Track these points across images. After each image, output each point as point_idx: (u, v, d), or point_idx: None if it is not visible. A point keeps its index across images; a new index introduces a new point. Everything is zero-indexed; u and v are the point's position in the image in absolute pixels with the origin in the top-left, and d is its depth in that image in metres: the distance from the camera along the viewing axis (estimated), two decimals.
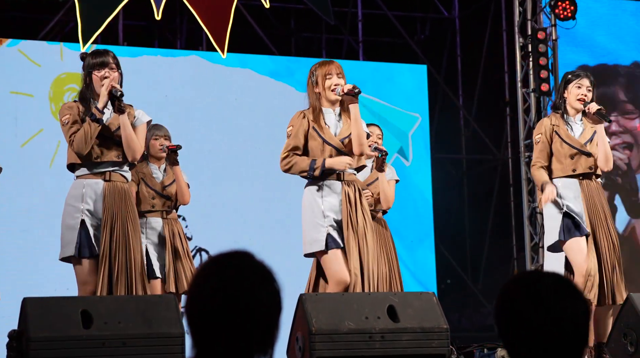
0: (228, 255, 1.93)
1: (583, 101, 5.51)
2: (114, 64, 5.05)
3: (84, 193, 4.93)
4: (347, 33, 10.55)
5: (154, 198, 6.18)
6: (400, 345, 4.33)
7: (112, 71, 5.03)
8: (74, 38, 8.63)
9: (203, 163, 9.03)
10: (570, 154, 5.44)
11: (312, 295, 4.52)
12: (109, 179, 4.96)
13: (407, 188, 9.84)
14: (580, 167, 5.43)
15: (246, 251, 1.94)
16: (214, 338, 1.87)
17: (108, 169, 4.97)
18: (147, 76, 9.00)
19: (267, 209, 9.07)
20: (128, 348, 4.07)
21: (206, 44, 9.73)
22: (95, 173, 4.96)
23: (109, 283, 4.83)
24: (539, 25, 10.10)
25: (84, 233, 4.89)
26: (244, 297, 1.87)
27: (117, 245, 4.88)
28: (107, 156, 4.96)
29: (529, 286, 2.01)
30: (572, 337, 1.96)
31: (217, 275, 1.89)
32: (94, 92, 5.03)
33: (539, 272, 2.08)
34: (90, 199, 4.93)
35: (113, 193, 4.94)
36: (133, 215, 5.00)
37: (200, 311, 1.88)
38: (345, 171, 5.07)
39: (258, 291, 1.89)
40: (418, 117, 10.04)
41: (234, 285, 1.88)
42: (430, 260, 9.83)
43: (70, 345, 4.02)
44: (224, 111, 9.26)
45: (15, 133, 8.51)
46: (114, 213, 4.92)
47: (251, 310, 1.87)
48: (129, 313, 4.17)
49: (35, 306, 4.12)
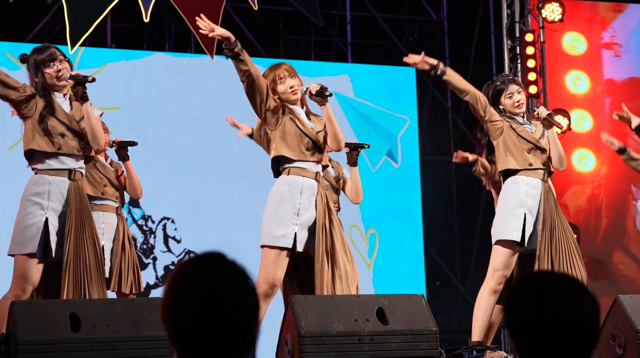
0: (201, 257, 1.93)
1: (521, 106, 5.52)
2: (62, 55, 4.89)
3: (49, 190, 4.76)
4: (335, 35, 10.56)
5: (106, 186, 6.15)
6: (390, 347, 4.33)
7: (62, 62, 4.86)
8: (62, 40, 8.60)
9: (191, 164, 9.02)
10: (527, 148, 5.42)
11: (302, 297, 4.51)
12: (74, 178, 4.81)
13: (396, 190, 9.85)
14: (537, 162, 5.42)
15: (218, 252, 1.94)
16: (196, 342, 1.86)
17: (73, 167, 4.81)
18: (135, 77, 8.98)
19: (256, 210, 9.03)
20: (117, 352, 4.06)
21: (195, 46, 9.72)
22: (60, 169, 4.80)
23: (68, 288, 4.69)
24: (527, 27, 10.12)
25: (45, 233, 4.73)
26: (223, 298, 1.87)
27: (81, 249, 4.75)
28: (69, 148, 4.80)
29: (538, 285, 2.02)
30: (582, 334, 1.97)
31: (194, 279, 1.89)
32: (48, 86, 4.85)
33: (547, 272, 2.10)
34: (56, 198, 4.77)
35: (77, 193, 4.80)
36: (91, 216, 4.87)
37: (180, 316, 1.87)
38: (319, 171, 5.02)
39: (236, 291, 1.89)
40: (407, 120, 10.06)
41: (212, 286, 1.88)
42: (419, 261, 9.84)
43: (58, 349, 4.01)
44: (213, 113, 9.25)
45: (2, 136, 8.49)
46: (77, 215, 4.77)
47: (231, 310, 1.87)
48: (117, 316, 4.17)
49: (24, 310, 4.11)
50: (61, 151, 4.79)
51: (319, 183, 5.01)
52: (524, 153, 5.42)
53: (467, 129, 10.67)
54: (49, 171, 4.80)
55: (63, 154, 4.80)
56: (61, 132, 4.79)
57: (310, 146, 4.98)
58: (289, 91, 5.04)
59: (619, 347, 4.86)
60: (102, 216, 6.08)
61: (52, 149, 4.77)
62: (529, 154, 5.43)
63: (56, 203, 4.78)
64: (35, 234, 4.73)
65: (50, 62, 4.85)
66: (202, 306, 1.86)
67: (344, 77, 9.56)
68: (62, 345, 4.02)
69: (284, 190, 4.95)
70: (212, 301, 1.86)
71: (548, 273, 2.08)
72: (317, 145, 5.00)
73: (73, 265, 4.71)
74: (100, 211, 6.11)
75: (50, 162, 4.80)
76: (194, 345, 1.86)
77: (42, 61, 4.85)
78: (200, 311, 1.86)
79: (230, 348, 1.87)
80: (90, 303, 4.32)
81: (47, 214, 4.75)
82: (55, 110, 4.82)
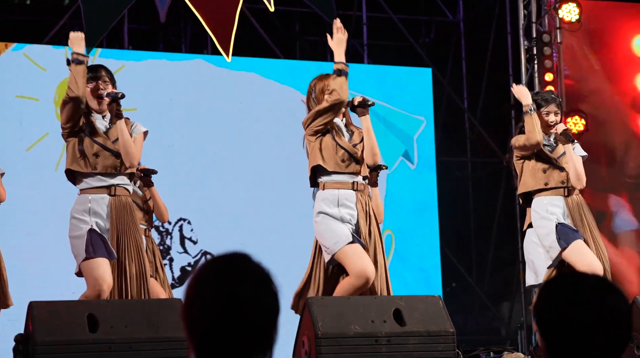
0: (225, 257, 1.92)
1: (552, 128, 5.64)
2: (107, 76, 5.04)
3: (90, 207, 4.90)
4: (351, 36, 10.53)
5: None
6: (407, 348, 4.33)
7: (105, 83, 5.01)
8: None
9: (208, 166, 9.03)
10: (543, 168, 5.53)
11: (318, 298, 4.52)
12: (114, 193, 4.94)
13: (412, 191, 9.83)
14: (553, 181, 5.52)
15: (243, 253, 1.93)
16: (214, 342, 1.86)
17: (113, 183, 4.94)
18: (152, 78, 9.01)
19: (272, 212, 9.06)
20: (134, 353, 4.08)
21: (211, 47, 9.74)
22: (100, 186, 4.93)
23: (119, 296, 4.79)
24: (543, 28, 10.09)
25: (95, 237, 4.83)
26: (243, 299, 1.86)
27: (128, 258, 4.85)
28: (104, 167, 4.93)
29: (570, 285, 2.02)
30: (615, 334, 1.97)
31: (215, 278, 1.88)
32: (91, 107, 5.01)
33: (578, 272, 2.09)
34: (97, 214, 4.90)
35: (119, 207, 4.92)
36: (138, 229, 4.99)
37: (199, 315, 1.87)
38: (358, 182, 5.06)
39: (257, 293, 1.88)
40: (423, 121, 10.04)
41: (233, 287, 1.87)
42: (435, 263, 9.82)
43: (76, 349, 4.03)
44: (229, 115, 9.26)
45: (20, 137, 8.52)
46: (120, 229, 4.89)
47: (250, 312, 1.86)
48: (135, 317, 4.18)
49: (42, 310, 4.12)
50: (96, 170, 4.92)
51: (359, 192, 5.04)
52: (539, 172, 5.53)
53: (484, 130, 10.65)
54: (89, 190, 4.95)
55: (99, 173, 4.93)
56: (95, 152, 4.92)
57: (346, 158, 5.04)
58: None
59: (637, 348, 4.85)
60: None
61: (88, 169, 4.92)
62: (545, 173, 5.53)
63: (98, 219, 4.90)
64: (83, 243, 4.84)
65: (92, 80, 4.98)
66: (222, 307, 1.85)
67: (360, 78, 9.56)
68: (80, 345, 4.04)
69: (322, 205, 5.01)
70: (233, 303, 1.86)
71: (580, 274, 2.07)
72: (353, 157, 5.05)
73: (117, 277, 4.80)
74: None
75: (89, 181, 4.95)
76: (213, 345, 1.86)
77: (87, 79, 4.97)
78: (220, 313, 1.85)
79: (248, 350, 1.86)
80: (107, 303, 4.34)
81: (92, 225, 4.88)
82: (92, 130, 4.96)
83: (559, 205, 5.49)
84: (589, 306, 1.97)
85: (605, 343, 1.96)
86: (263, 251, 5.35)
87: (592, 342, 1.95)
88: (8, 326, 5.35)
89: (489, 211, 10.70)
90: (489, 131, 10.67)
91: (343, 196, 5.00)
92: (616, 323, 1.97)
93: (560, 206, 5.49)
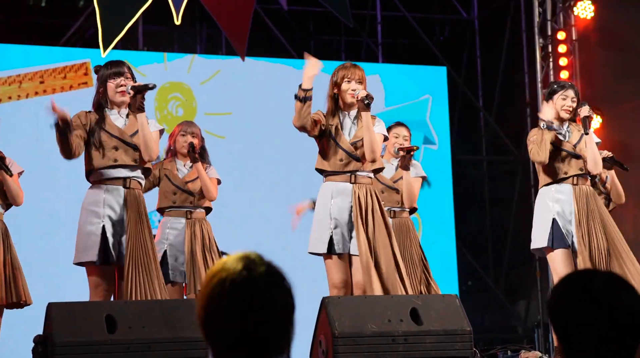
0: (237, 258, 1.94)
1: (568, 112, 5.62)
2: (129, 73, 5.10)
3: (104, 198, 4.96)
4: (366, 35, 10.55)
5: (175, 193, 6.15)
6: (424, 347, 4.33)
7: (128, 80, 5.07)
8: (95, 44, 8.67)
9: (225, 166, 9.04)
10: (562, 157, 5.56)
11: (335, 298, 4.52)
12: (129, 186, 4.99)
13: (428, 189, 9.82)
14: (572, 170, 5.54)
15: (256, 253, 1.95)
16: (232, 342, 1.87)
17: (128, 176, 5.00)
18: (168, 79, 9.03)
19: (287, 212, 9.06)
20: (152, 353, 4.09)
21: (226, 48, 9.75)
22: (115, 178, 4.99)
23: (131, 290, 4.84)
24: (558, 25, 10.06)
25: (103, 240, 4.92)
26: (258, 298, 1.88)
27: (140, 253, 4.90)
28: (123, 160, 4.99)
29: (583, 282, 2.02)
30: (628, 331, 1.97)
31: (230, 279, 1.90)
32: (109, 100, 5.08)
33: (592, 270, 2.09)
34: (111, 205, 4.96)
35: (133, 200, 4.98)
36: (148, 222, 5.04)
37: (216, 316, 1.89)
38: (357, 174, 5.10)
39: (271, 291, 1.90)
40: (428, 97, 10.04)
41: (248, 287, 1.88)
42: (451, 261, 9.81)
43: (94, 350, 4.05)
44: (243, 114, 9.27)
45: (36, 138, 8.55)
46: (135, 222, 4.95)
47: (266, 311, 1.88)
48: (153, 318, 4.19)
49: (60, 311, 4.15)
50: (117, 163, 4.98)
51: (357, 184, 5.10)
52: (558, 162, 5.56)
53: (499, 128, 10.63)
54: (104, 181, 4.99)
55: (118, 166, 4.99)
56: (114, 145, 4.99)
57: (345, 158, 5.12)
58: (349, 92, 5.18)
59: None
60: (168, 221, 6.14)
61: (107, 162, 4.97)
62: (563, 162, 5.56)
63: (111, 210, 4.96)
64: (95, 242, 4.91)
65: (115, 76, 5.04)
66: (238, 307, 1.87)
67: (375, 77, 9.56)
68: (98, 346, 4.05)
69: (321, 196, 5.18)
70: (245, 300, 1.87)
71: (591, 272, 2.07)
72: (352, 156, 5.13)
73: (134, 269, 4.86)
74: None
75: (105, 172, 4.99)
76: (226, 342, 1.87)
77: (109, 74, 5.05)
78: (236, 313, 1.87)
79: (266, 349, 1.88)
80: (126, 304, 4.36)
81: (104, 221, 4.94)
82: (107, 124, 5.03)
83: (565, 192, 5.52)
84: (599, 303, 1.97)
85: (620, 341, 1.96)
86: (278, 251, 5.37)
87: (608, 340, 1.95)
88: (27, 327, 5.39)
89: (505, 209, 10.68)
90: (505, 128, 10.66)
91: (338, 188, 5.11)
92: (627, 319, 1.97)
93: (567, 193, 5.52)
